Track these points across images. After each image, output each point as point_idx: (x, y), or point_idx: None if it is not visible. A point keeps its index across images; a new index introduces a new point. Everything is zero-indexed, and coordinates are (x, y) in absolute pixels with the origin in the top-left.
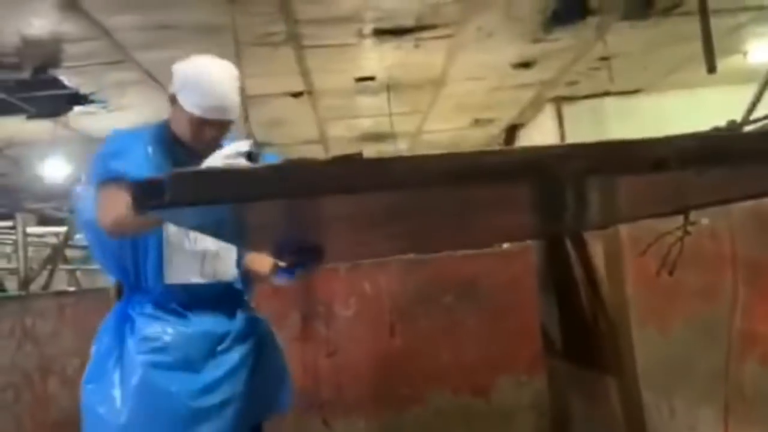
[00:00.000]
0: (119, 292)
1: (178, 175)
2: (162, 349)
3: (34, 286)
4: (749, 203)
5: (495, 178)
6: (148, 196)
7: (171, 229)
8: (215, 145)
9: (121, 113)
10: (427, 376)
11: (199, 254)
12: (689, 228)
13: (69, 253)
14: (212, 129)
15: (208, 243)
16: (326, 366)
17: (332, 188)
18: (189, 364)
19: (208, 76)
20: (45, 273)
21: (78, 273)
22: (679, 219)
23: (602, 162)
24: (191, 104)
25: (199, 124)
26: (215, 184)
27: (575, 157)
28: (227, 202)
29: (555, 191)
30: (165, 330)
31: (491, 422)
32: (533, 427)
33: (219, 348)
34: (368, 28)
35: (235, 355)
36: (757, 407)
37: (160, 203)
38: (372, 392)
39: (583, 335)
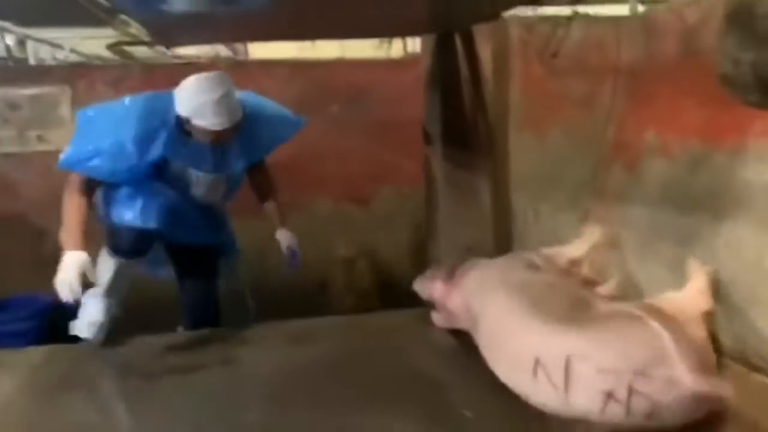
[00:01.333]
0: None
1: None
2: None
3: None
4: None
5: None
6: None
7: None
8: (229, 139)
9: None
10: (309, 183)
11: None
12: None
13: None
14: (216, 134)
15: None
16: None
17: None
18: None
19: (210, 100)
20: None
21: None
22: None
23: None
24: (207, 124)
25: (218, 132)
26: None
27: None
28: None
29: None
30: None
31: (369, 230)
32: (410, 236)
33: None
34: None
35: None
36: (615, 210)
37: None
38: (252, 197)
39: (462, 136)
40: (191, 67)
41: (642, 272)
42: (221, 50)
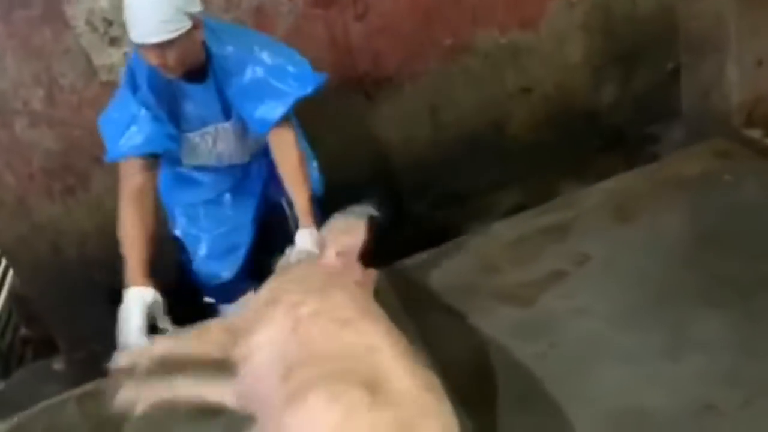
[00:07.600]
0: None
1: None
2: None
3: None
4: None
5: None
6: None
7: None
8: (176, 68)
9: None
10: (469, 18)
11: (214, 152)
12: None
13: None
14: (154, 54)
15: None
16: (358, 31)
17: None
18: None
19: (131, 5)
20: None
21: None
22: None
23: None
24: (134, 36)
25: (144, 52)
26: None
27: None
28: None
29: None
30: None
31: (541, 55)
32: (585, 49)
33: None
34: None
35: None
36: None
37: None
38: (413, 53)
39: None
40: None
41: None
42: None
